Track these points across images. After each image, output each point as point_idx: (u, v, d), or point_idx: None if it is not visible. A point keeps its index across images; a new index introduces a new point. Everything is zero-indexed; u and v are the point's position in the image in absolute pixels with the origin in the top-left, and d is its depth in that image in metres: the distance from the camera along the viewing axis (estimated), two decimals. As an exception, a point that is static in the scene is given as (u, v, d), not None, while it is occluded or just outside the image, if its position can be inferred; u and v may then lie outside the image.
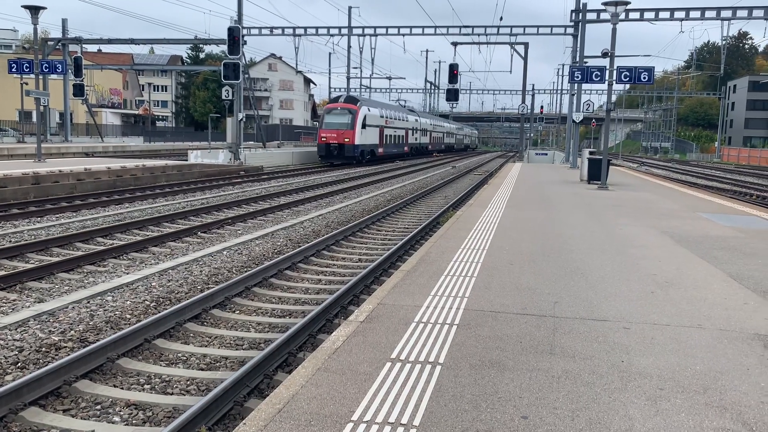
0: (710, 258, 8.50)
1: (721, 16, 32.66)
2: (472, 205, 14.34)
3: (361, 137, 39.33)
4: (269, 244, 11.79)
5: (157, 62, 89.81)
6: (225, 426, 4.81)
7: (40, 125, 25.69)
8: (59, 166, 21.34)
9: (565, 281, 6.93)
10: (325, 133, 38.83)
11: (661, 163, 60.69)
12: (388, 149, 46.94)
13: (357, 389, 3.99)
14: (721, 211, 14.38)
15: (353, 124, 38.53)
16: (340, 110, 39.35)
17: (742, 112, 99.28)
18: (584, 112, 32.69)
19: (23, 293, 8.09)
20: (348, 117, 38.90)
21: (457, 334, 5.09)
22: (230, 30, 30.39)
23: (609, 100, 21.01)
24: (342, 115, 39.13)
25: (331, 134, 38.40)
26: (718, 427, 3.59)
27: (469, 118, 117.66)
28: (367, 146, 40.83)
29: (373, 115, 42.14)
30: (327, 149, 38.67)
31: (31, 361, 5.84)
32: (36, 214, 14.37)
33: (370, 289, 8.65)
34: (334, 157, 38.44)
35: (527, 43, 42.90)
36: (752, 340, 5.14)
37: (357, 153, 38.63)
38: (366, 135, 40.23)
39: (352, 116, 38.84)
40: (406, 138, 53.49)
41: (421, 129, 60.32)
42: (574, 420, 3.63)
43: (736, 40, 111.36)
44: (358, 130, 38.61)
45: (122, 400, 5.14)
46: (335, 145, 38.17)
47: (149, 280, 8.74)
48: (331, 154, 38.52)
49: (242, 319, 7.37)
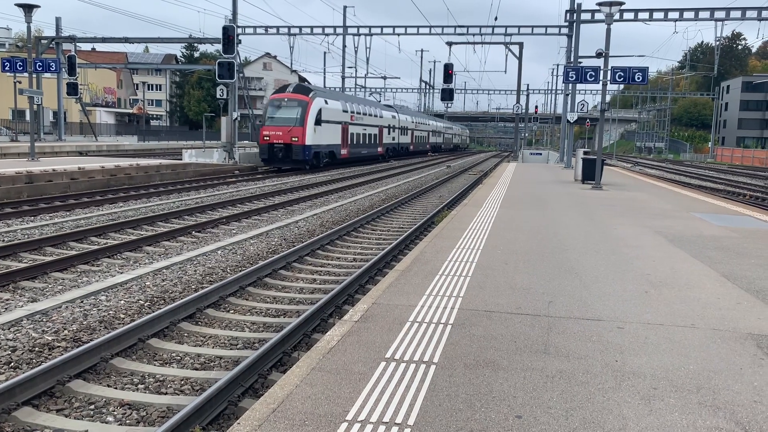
0: (704, 258, 8.54)
1: (714, 16, 32.79)
2: (466, 205, 14.36)
3: (315, 136, 31.79)
4: (264, 243, 11.77)
5: (152, 61, 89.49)
6: (219, 426, 4.80)
7: (33, 124, 25.57)
8: (53, 165, 21.25)
9: (560, 281, 6.94)
10: (268, 130, 31.19)
11: (655, 163, 60.90)
12: (356, 150, 39.78)
13: (351, 389, 3.99)
14: (714, 211, 14.44)
15: (303, 119, 31.03)
16: (287, 102, 31.70)
17: (736, 113, 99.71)
18: (578, 112, 32.80)
19: (16, 293, 8.06)
20: (296, 110, 31.26)
21: (452, 334, 5.09)
22: (225, 29, 30.33)
23: (603, 100, 21.07)
24: (289, 108, 31.45)
25: (275, 132, 30.85)
26: (712, 427, 3.61)
27: (464, 118, 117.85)
28: (324, 147, 33.49)
29: (333, 109, 34.72)
30: (270, 151, 30.96)
31: (24, 361, 5.81)
32: (29, 214, 14.31)
33: (364, 289, 8.65)
34: (280, 160, 31.01)
35: (522, 43, 43.00)
36: (745, 339, 5.17)
37: (308, 156, 31.14)
38: (322, 133, 32.78)
39: (302, 109, 31.22)
40: (380, 137, 45.86)
41: (400, 127, 52.92)
42: (568, 419, 3.64)
43: (729, 40, 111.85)
44: (309, 127, 31.11)
45: (116, 400, 5.13)
46: (280, 146, 30.65)
47: (143, 279, 8.72)
48: (275, 157, 30.96)
49: (237, 319, 7.36)
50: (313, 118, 31.53)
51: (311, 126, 31.26)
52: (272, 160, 31.25)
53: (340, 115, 36.01)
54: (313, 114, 31.61)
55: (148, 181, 22.72)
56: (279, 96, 32.79)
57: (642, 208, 14.69)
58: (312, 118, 31.41)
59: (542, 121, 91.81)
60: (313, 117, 31.55)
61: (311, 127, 31.25)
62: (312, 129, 31.29)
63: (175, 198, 18.68)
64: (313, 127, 31.38)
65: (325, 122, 33.16)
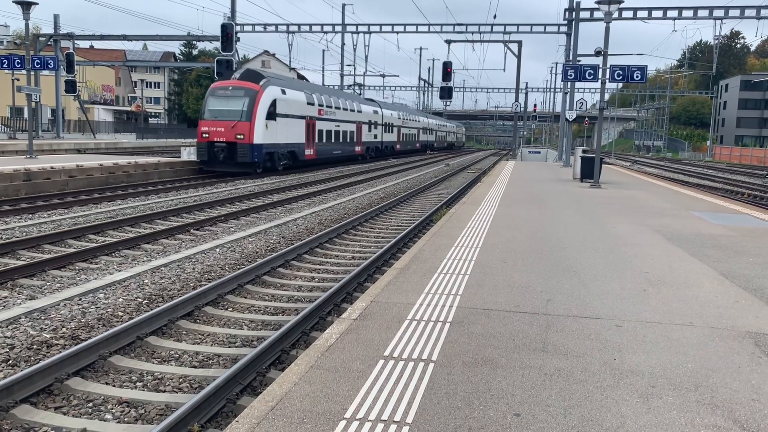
0: (702, 256, 8.54)
1: (713, 15, 32.81)
2: (465, 203, 14.36)
3: (268, 132, 26.32)
4: (262, 241, 11.77)
5: (150, 59, 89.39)
6: (217, 423, 4.80)
7: (31, 121, 25.52)
8: (51, 163, 21.21)
9: (558, 279, 6.95)
10: (207, 126, 25.66)
11: (654, 162, 60.94)
12: (326, 150, 34.15)
13: (350, 387, 3.99)
14: (713, 210, 14.45)
15: (251, 112, 25.55)
16: (231, 91, 26.15)
17: (734, 111, 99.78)
18: (577, 111, 32.80)
19: (14, 290, 8.05)
20: (242, 102, 25.72)
21: (450, 332, 5.10)
22: (223, 26, 30.34)
23: (602, 99, 21.06)
24: (234, 98, 25.96)
25: (216, 128, 25.46)
26: (710, 424, 3.61)
27: (462, 116, 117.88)
28: (281, 146, 28.00)
29: (293, 101, 29.08)
30: (210, 151, 25.48)
31: (23, 359, 5.81)
32: (27, 211, 14.30)
33: (363, 287, 8.64)
34: (222, 162, 25.50)
35: (521, 42, 42.93)
36: (743, 337, 5.17)
37: (258, 157, 25.78)
38: (278, 129, 27.28)
39: (249, 100, 25.70)
40: (359, 135, 40.32)
41: (384, 123, 47.18)
42: (567, 417, 3.64)
43: (728, 39, 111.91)
44: (259, 122, 25.71)
45: (114, 398, 5.13)
46: (222, 145, 25.29)
47: (142, 277, 8.71)
48: (215, 158, 25.48)
49: (235, 317, 7.36)
50: (264, 111, 26.08)
51: (261, 120, 25.84)
52: (213, 163, 25.72)
53: (303, 108, 30.33)
54: (265, 106, 26.13)
55: (146, 179, 22.70)
56: (222, 84, 27.05)
57: (640, 206, 14.70)
58: (262, 110, 25.98)
59: (541, 119, 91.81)
60: (264, 109, 26.10)
61: (261, 122, 25.84)
62: (262, 124, 25.90)
63: (174, 196, 18.67)
64: (264, 122, 25.97)
65: (282, 116, 27.69)
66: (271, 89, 26.93)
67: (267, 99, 26.35)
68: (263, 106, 26.01)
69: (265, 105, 26.17)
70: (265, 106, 26.15)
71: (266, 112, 26.13)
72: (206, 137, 25.52)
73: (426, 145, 66.74)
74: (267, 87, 26.67)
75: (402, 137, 54.31)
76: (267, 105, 26.25)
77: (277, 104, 27.03)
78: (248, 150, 25.26)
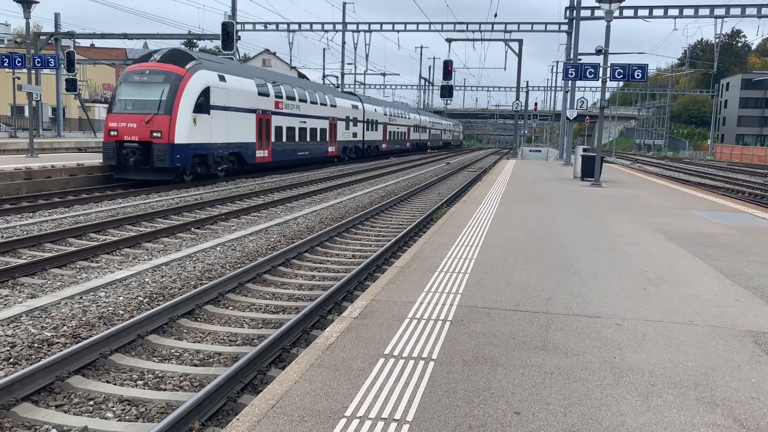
0: (702, 255, 8.55)
1: (714, 13, 32.80)
2: (465, 202, 14.36)
3: (196, 130, 20.59)
4: (263, 240, 11.78)
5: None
6: (218, 422, 4.81)
7: (32, 120, 25.54)
8: (52, 161, 21.23)
9: (558, 278, 6.95)
10: (116, 120, 20.14)
11: (655, 161, 60.91)
12: (286, 150, 28.29)
13: (350, 385, 4.00)
14: (713, 209, 14.45)
15: (172, 102, 19.90)
16: (148, 76, 20.44)
17: (735, 110, 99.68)
18: (578, 109, 32.77)
19: (15, 289, 8.06)
20: (161, 89, 20.10)
21: (451, 330, 5.10)
22: (224, 25, 30.31)
23: (603, 97, 21.05)
24: (150, 85, 20.30)
25: (126, 123, 19.94)
26: (709, 423, 3.62)
27: (463, 115, 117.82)
28: (218, 147, 22.24)
29: (236, 90, 23.43)
30: (118, 153, 19.86)
31: (24, 357, 5.82)
32: (28, 210, 14.31)
33: (363, 286, 8.65)
34: (133, 168, 19.98)
35: (521, 40, 42.81)
36: (743, 336, 5.18)
37: (182, 161, 20.07)
38: (212, 126, 21.61)
39: (171, 87, 20.06)
40: (332, 133, 34.69)
41: (366, 120, 41.52)
42: (567, 415, 3.65)
43: (729, 38, 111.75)
44: (182, 116, 19.99)
45: (115, 396, 5.14)
46: (134, 146, 19.78)
47: (142, 275, 8.72)
48: (125, 162, 19.86)
49: (236, 315, 7.37)
50: (192, 101, 20.42)
51: (186, 114, 20.15)
52: (122, 168, 20.08)
53: (253, 99, 24.87)
54: (192, 94, 20.49)
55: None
56: (138, 67, 21.12)
57: (641, 205, 14.69)
58: (188, 100, 20.30)
59: (542, 118, 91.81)
60: (192, 99, 20.44)
61: (186, 116, 20.15)
62: (188, 118, 20.21)
63: (174, 194, 18.68)
64: (190, 116, 20.29)
65: (220, 109, 22.18)
66: (202, 74, 21.24)
67: (196, 86, 20.72)
68: (190, 95, 20.39)
69: (193, 94, 20.55)
70: (193, 95, 20.54)
71: (194, 103, 20.51)
72: (114, 135, 19.89)
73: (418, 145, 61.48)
74: (197, 71, 21.03)
75: (389, 136, 49.12)
76: (195, 94, 20.64)
77: (211, 93, 21.51)
78: (167, 152, 19.56)
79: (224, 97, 22.47)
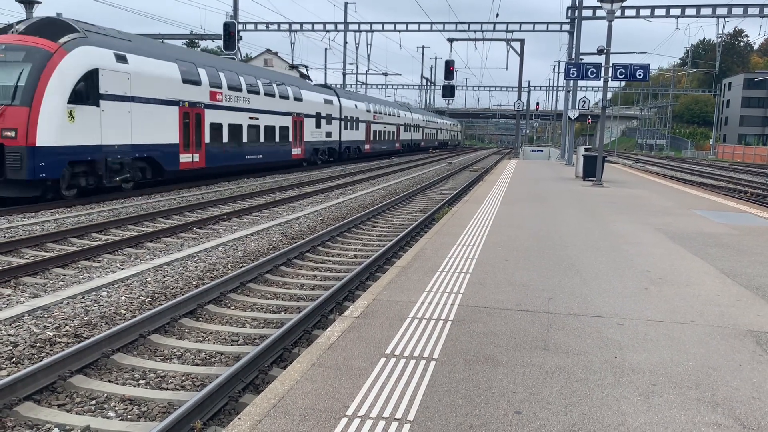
0: (704, 255, 8.54)
1: (716, 13, 32.79)
2: (467, 202, 14.37)
3: (75, 127, 15.48)
4: (264, 239, 11.79)
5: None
6: (220, 421, 4.82)
7: (34, 120, 25.49)
8: (54, 162, 21.23)
9: (560, 277, 6.95)
10: None
11: (657, 161, 60.86)
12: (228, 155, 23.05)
13: (351, 384, 4.01)
14: (715, 209, 14.44)
15: (33, 90, 14.67)
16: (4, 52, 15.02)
17: (737, 110, 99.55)
18: (580, 109, 32.77)
19: (18, 288, 8.08)
20: (17, 71, 14.80)
21: (452, 330, 5.11)
22: (226, 25, 30.35)
23: (604, 97, 21.04)
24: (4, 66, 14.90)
25: None
26: (710, 422, 3.62)
27: (464, 115, 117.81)
28: (116, 150, 16.97)
29: (147, 75, 18.17)
30: None
31: (26, 356, 5.83)
32: (30, 210, 14.33)
33: (365, 285, 8.66)
34: None
35: (523, 40, 42.82)
36: (744, 336, 5.18)
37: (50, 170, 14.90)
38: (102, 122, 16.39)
39: (33, 69, 14.79)
40: (297, 133, 29.43)
41: (345, 118, 36.80)
42: (568, 415, 3.66)
43: (731, 37, 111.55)
44: (49, 108, 14.85)
45: (117, 396, 5.15)
46: None
47: (144, 275, 8.74)
48: None
49: (237, 315, 7.38)
50: (66, 88, 15.26)
51: (57, 105, 14.99)
52: None
53: (175, 88, 19.53)
54: (66, 78, 15.28)
55: (149, 178, 22.69)
56: None
57: (643, 205, 14.69)
58: (60, 86, 15.12)
59: (543, 118, 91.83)
60: (66, 85, 15.25)
61: (57, 108, 14.99)
62: (59, 112, 15.04)
63: (176, 194, 18.70)
64: (63, 109, 15.13)
65: (119, 99, 16.98)
66: (85, 51, 15.88)
67: (74, 67, 15.44)
68: (63, 80, 15.13)
69: (69, 77, 15.29)
70: (69, 79, 15.29)
71: (70, 91, 15.30)
72: None
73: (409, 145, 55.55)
74: (77, 47, 15.69)
75: (373, 135, 43.20)
76: (74, 78, 15.40)
77: (101, 77, 16.22)
78: (25, 158, 14.39)
79: (124, 84, 17.13)
